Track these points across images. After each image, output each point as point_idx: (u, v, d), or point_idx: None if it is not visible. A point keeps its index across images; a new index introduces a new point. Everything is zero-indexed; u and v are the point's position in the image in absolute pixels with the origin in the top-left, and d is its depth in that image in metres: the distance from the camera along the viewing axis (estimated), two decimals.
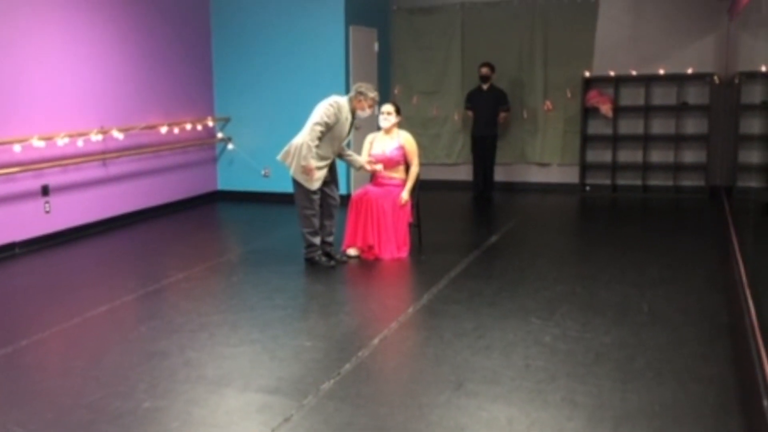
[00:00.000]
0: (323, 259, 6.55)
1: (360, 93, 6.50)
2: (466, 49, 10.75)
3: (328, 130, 6.38)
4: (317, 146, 6.35)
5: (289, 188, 10.08)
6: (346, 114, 6.46)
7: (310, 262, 6.55)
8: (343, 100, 6.49)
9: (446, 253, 6.86)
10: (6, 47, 7.00)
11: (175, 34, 9.29)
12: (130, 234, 8.18)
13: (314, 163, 6.36)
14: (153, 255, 7.25)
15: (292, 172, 6.48)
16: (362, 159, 6.86)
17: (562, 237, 8.06)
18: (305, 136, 6.37)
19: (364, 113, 6.59)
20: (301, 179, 6.45)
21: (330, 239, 6.69)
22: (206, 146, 10.07)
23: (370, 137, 7.05)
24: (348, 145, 7.10)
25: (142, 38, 8.71)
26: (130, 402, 3.81)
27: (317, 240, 6.56)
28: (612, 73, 10.12)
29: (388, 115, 6.90)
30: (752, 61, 6.88)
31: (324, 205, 6.62)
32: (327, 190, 6.61)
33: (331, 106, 6.38)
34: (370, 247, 6.69)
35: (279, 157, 6.59)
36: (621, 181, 10.39)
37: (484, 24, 10.63)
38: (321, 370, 4.17)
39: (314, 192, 6.46)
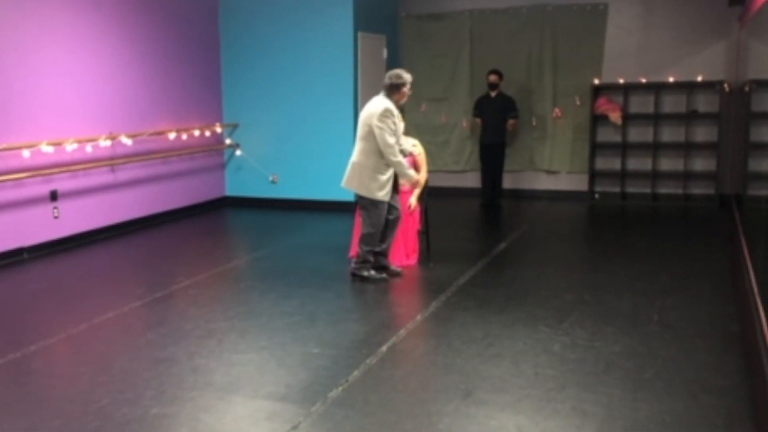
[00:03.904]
0: (372, 272, 6.27)
1: (395, 86, 6.10)
2: (475, 56, 10.74)
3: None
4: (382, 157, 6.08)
5: (297, 194, 10.14)
6: (397, 114, 6.15)
7: (357, 277, 6.28)
8: (388, 103, 6.07)
9: (455, 260, 6.84)
10: (15, 54, 7.02)
11: (183, 39, 9.31)
12: (138, 240, 8.18)
13: (384, 176, 6.11)
14: (161, 261, 7.25)
15: (366, 194, 6.17)
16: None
17: (571, 245, 8.03)
18: (387, 149, 5.99)
19: (404, 99, 6.25)
20: (379, 196, 6.12)
21: (386, 250, 6.43)
22: (214, 152, 10.09)
23: None
24: None
25: (150, 45, 8.73)
26: (137, 408, 3.80)
27: (371, 257, 6.34)
28: (621, 81, 10.10)
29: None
30: (763, 68, 6.85)
31: (389, 214, 6.34)
32: (391, 201, 6.30)
33: (387, 117, 5.99)
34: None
35: (344, 185, 6.32)
36: (630, 189, 10.35)
37: (493, 31, 10.63)
38: (329, 378, 4.15)
39: (382, 204, 6.17)
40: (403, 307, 5.80)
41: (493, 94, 10.13)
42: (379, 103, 6.09)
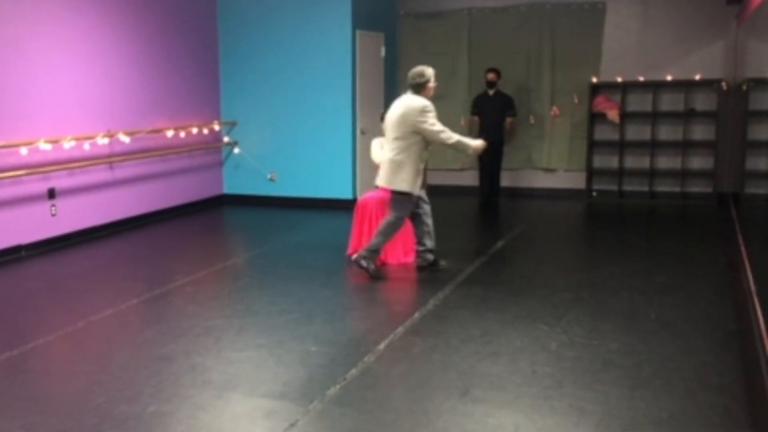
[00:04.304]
0: (372, 266, 6.29)
1: (420, 85, 6.15)
2: (473, 54, 10.74)
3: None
4: (422, 149, 6.18)
5: (295, 192, 10.14)
6: (433, 107, 6.22)
7: (356, 265, 6.31)
8: (423, 100, 6.13)
9: (453, 258, 6.84)
10: (13, 51, 7.02)
11: (181, 37, 9.31)
12: (136, 237, 8.18)
13: (416, 170, 6.18)
14: (159, 259, 7.25)
15: (394, 187, 6.21)
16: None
17: (569, 243, 8.03)
18: (440, 135, 6.08)
19: (432, 93, 6.28)
20: (409, 189, 6.17)
21: (433, 245, 6.52)
22: (212, 150, 10.08)
23: (377, 141, 7.02)
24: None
25: (148, 42, 8.72)
26: (135, 406, 3.80)
27: (381, 251, 6.44)
28: (619, 79, 10.10)
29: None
30: (760, 67, 6.87)
31: (419, 209, 6.45)
32: (420, 194, 6.42)
33: (426, 112, 6.08)
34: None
35: (382, 184, 6.27)
36: (628, 187, 10.36)
37: (492, 29, 10.63)
38: (327, 376, 4.16)
39: (413, 198, 6.25)
40: (401, 304, 5.80)
41: (491, 92, 10.14)
42: (413, 101, 6.13)
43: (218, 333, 4.92)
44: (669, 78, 9.90)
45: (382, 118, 6.70)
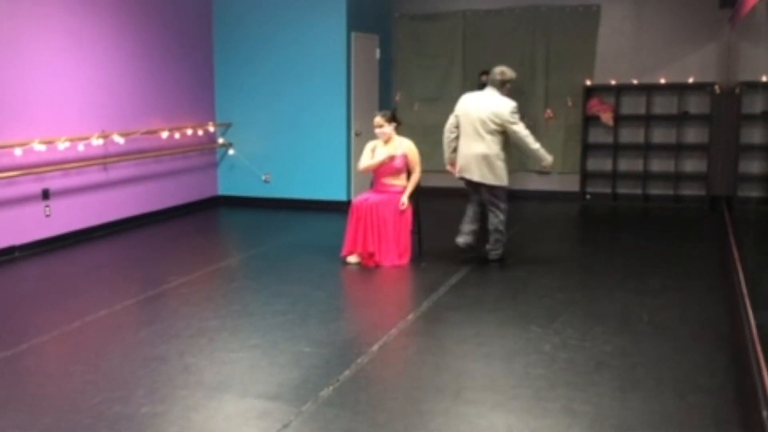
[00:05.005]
0: (506, 256, 6.84)
1: (503, 82, 6.66)
2: (468, 56, 10.76)
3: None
4: (507, 145, 6.65)
5: (290, 194, 10.15)
6: None
7: (497, 262, 6.76)
8: (510, 100, 6.62)
9: (446, 260, 6.86)
10: (8, 51, 7.01)
11: (176, 38, 9.31)
12: (131, 238, 8.18)
13: (506, 164, 6.64)
14: (153, 260, 7.25)
15: (495, 182, 6.58)
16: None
17: (562, 245, 8.05)
18: (527, 139, 6.57)
19: (508, 93, 6.73)
20: (506, 182, 6.64)
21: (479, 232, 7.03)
22: (207, 151, 10.08)
23: (371, 144, 7.04)
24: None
25: (144, 43, 8.72)
26: (128, 407, 3.80)
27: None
28: (613, 82, 10.14)
29: (379, 128, 6.89)
30: (753, 70, 6.89)
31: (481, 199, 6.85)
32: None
33: (515, 113, 6.56)
34: (371, 255, 6.68)
35: (472, 177, 6.63)
36: (621, 190, 10.39)
37: (486, 32, 10.65)
38: (320, 377, 4.17)
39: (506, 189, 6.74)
40: (395, 306, 5.81)
41: None
42: (503, 101, 6.57)
43: (212, 334, 4.92)
44: (662, 81, 9.93)
45: (390, 120, 6.89)
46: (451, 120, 6.80)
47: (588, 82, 10.21)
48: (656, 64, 9.98)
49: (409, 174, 6.98)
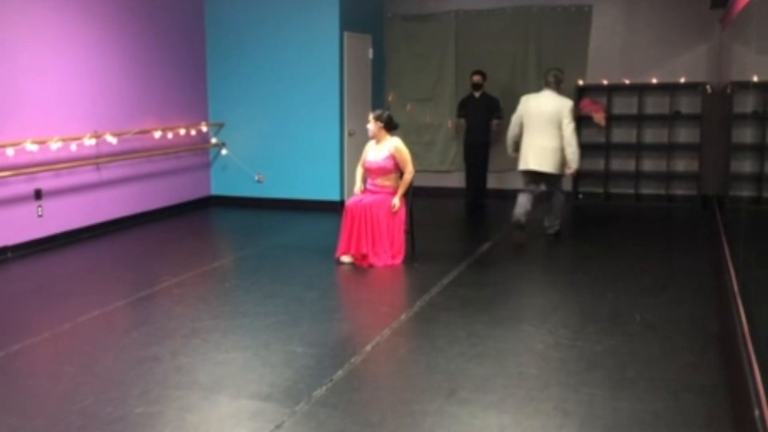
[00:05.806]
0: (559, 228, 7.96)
1: (560, 81, 7.57)
2: (460, 56, 10.78)
3: None
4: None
5: (283, 194, 10.16)
6: None
7: (557, 236, 7.88)
8: (568, 100, 7.50)
9: (439, 260, 6.87)
10: (0, 51, 6.98)
11: (169, 38, 9.29)
12: (123, 239, 8.16)
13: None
14: (146, 260, 7.24)
15: (560, 171, 7.58)
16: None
17: (555, 245, 8.07)
18: (574, 138, 7.41)
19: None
20: (559, 169, 7.55)
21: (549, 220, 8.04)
22: (200, 151, 10.07)
23: (368, 145, 7.09)
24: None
25: (136, 43, 8.71)
26: (121, 408, 3.80)
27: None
28: (605, 82, 10.17)
29: (368, 125, 6.96)
30: (744, 70, 6.92)
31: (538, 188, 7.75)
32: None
33: (572, 112, 7.40)
34: (364, 256, 6.68)
35: (541, 168, 7.45)
36: (613, 190, 10.42)
37: (478, 32, 10.66)
38: (313, 377, 4.17)
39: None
40: (388, 306, 5.82)
41: (477, 94, 10.18)
42: (564, 100, 7.45)
43: (205, 334, 4.92)
44: (654, 81, 9.97)
45: (389, 122, 6.98)
46: (514, 120, 7.74)
47: (580, 82, 10.23)
48: (648, 64, 10.02)
49: (401, 174, 6.98)
